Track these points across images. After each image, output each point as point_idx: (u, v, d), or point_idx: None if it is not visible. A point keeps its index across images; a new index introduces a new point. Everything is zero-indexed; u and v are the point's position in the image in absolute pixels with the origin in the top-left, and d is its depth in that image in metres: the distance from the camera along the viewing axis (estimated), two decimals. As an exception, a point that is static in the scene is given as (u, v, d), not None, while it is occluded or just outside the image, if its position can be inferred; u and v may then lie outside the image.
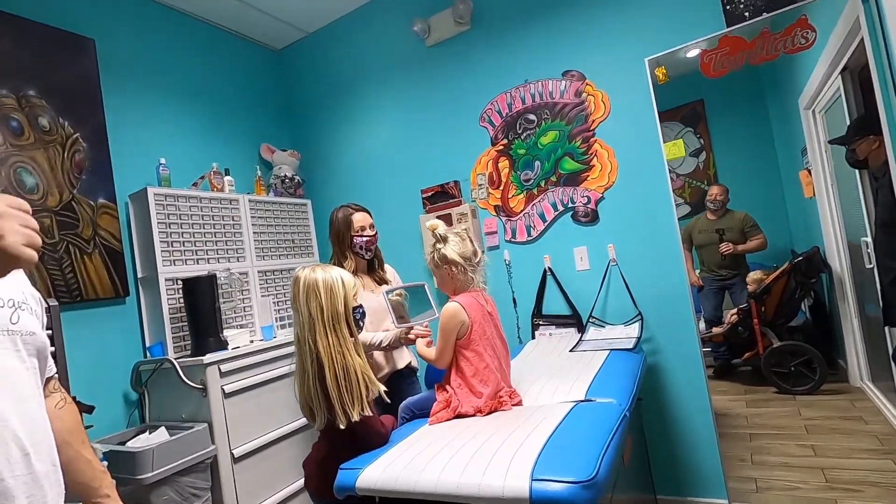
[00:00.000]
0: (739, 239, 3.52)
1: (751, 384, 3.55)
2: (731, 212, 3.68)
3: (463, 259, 1.52)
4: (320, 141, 3.30)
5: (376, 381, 1.36)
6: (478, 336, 1.46)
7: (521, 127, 2.58)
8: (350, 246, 1.93)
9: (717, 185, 3.64)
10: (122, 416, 2.20)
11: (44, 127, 2.11)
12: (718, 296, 3.72)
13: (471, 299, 1.49)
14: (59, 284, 2.05)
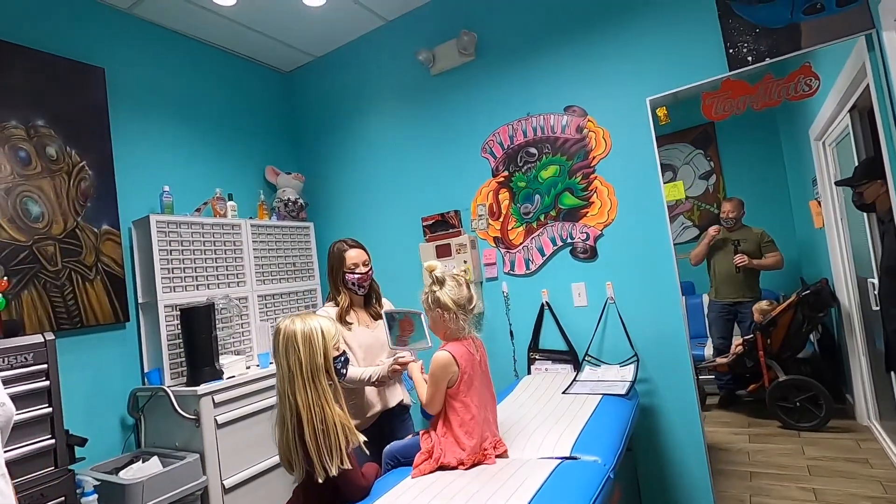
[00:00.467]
0: (756, 253, 3.45)
1: (755, 416, 3.48)
2: (747, 226, 3.62)
3: (456, 306, 1.50)
4: (324, 164, 3.33)
5: (356, 432, 1.36)
6: (466, 387, 1.45)
7: (523, 160, 2.58)
8: (343, 282, 1.94)
9: (730, 200, 3.58)
10: (118, 441, 2.23)
11: (51, 156, 2.16)
12: (728, 322, 3.66)
13: (462, 349, 1.48)
14: (59, 311, 2.08)
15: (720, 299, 3.57)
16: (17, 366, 1.59)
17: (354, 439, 1.35)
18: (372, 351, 1.91)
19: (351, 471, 1.32)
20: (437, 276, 1.53)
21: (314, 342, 1.35)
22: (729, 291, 3.56)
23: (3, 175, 2.00)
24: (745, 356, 3.46)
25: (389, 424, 1.93)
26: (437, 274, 1.54)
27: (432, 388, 1.46)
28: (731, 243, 3.50)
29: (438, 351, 1.48)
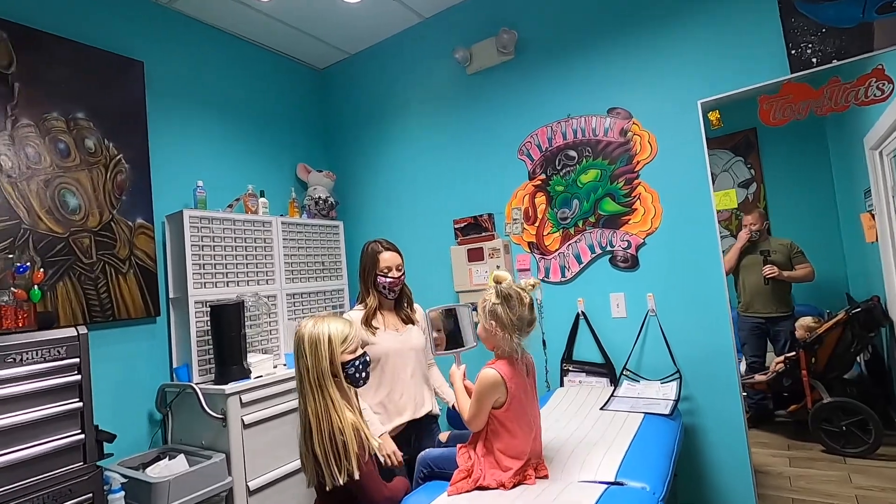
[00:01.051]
0: (786, 265, 3.28)
1: (794, 438, 3.30)
2: (773, 238, 3.44)
3: (513, 326, 1.37)
4: (356, 163, 3.30)
5: (372, 436, 1.31)
6: (514, 413, 1.35)
7: (561, 163, 2.48)
8: (374, 284, 1.88)
9: (752, 213, 3.41)
10: (145, 436, 2.22)
11: (89, 149, 2.16)
12: (760, 337, 3.49)
13: (512, 370, 1.37)
14: (93, 304, 2.08)
15: (751, 314, 3.40)
16: (50, 359, 1.58)
17: (370, 446, 1.29)
18: (398, 356, 1.83)
19: (366, 480, 1.26)
20: (501, 290, 1.39)
21: (320, 347, 1.32)
22: (760, 306, 3.38)
23: (43, 166, 2.01)
24: (784, 374, 3.29)
25: (417, 434, 1.85)
26: (502, 287, 1.39)
27: (476, 406, 1.36)
28: (760, 254, 3.33)
29: (487, 367, 1.37)
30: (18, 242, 1.90)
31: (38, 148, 2.00)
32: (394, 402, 1.78)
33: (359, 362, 1.40)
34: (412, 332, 1.90)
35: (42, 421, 1.54)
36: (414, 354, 1.86)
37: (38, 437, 1.53)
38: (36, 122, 2.01)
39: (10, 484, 1.45)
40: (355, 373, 1.39)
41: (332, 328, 1.37)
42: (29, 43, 2.01)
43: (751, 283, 3.36)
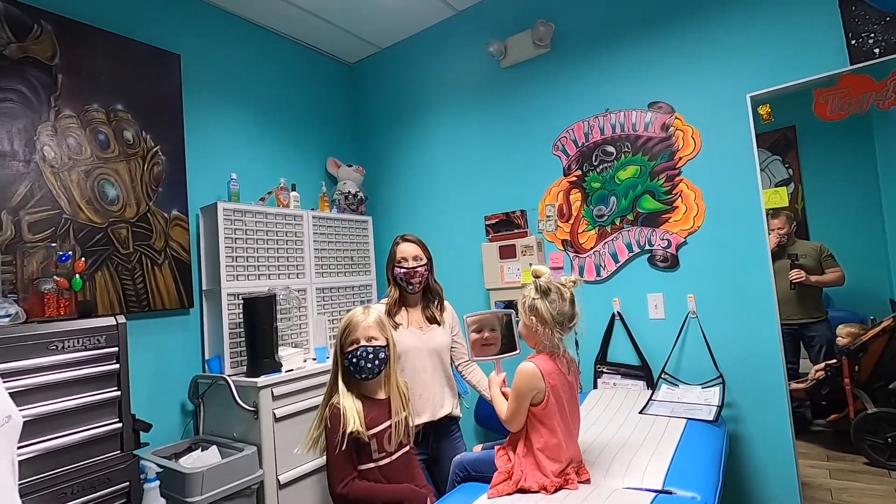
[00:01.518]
0: (815, 269, 3.13)
1: (834, 449, 3.16)
2: (801, 241, 3.29)
3: (554, 322, 1.33)
4: (385, 157, 3.28)
5: (357, 423, 1.35)
6: (552, 409, 1.31)
7: (598, 159, 2.42)
8: (393, 276, 1.87)
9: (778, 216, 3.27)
10: (178, 426, 2.24)
11: (128, 140, 2.18)
12: (793, 343, 3.35)
13: (552, 365, 1.33)
14: (129, 294, 2.11)
15: (783, 321, 3.26)
16: (90, 347, 1.59)
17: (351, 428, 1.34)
18: (418, 356, 1.79)
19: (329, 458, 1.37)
20: (540, 285, 1.36)
21: (338, 331, 1.47)
22: (791, 312, 3.25)
23: (84, 157, 2.03)
24: (824, 382, 3.15)
25: (435, 435, 1.80)
26: (541, 282, 1.36)
27: (514, 404, 1.32)
28: (788, 258, 3.19)
29: (524, 361, 1.34)
30: (60, 232, 1.92)
31: (80, 139, 2.03)
32: (412, 401, 1.74)
33: (352, 356, 1.42)
34: (435, 333, 1.85)
35: (82, 409, 1.56)
36: (435, 355, 1.82)
37: (78, 424, 1.54)
38: (77, 114, 2.03)
39: (51, 470, 1.46)
40: (349, 365, 1.43)
41: (346, 317, 1.48)
42: (71, 35, 2.03)
43: (779, 288, 3.24)
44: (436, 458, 1.78)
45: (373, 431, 1.40)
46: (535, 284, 1.36)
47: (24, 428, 1.41)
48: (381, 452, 1.41)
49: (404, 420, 1.48)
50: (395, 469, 1.43)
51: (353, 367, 1.42)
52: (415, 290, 1.85)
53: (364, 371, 1.42)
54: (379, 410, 1.44)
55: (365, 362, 1.42)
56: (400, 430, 1.45)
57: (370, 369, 1.43)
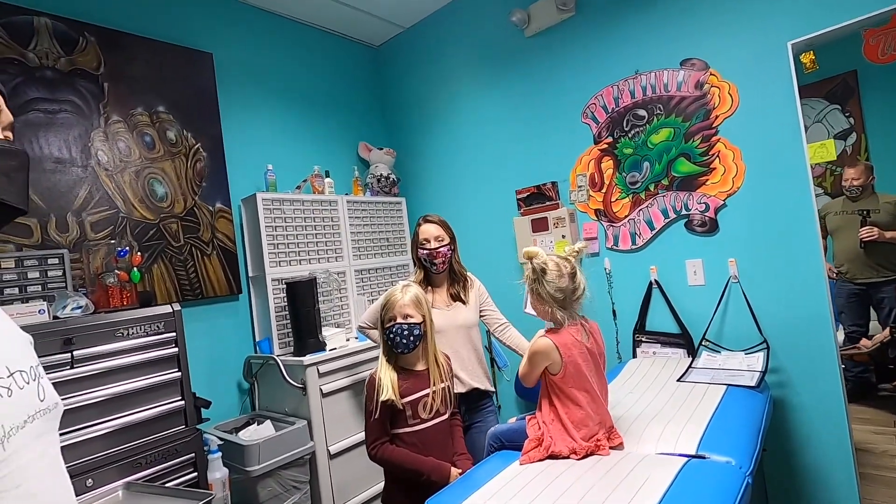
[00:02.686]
0: (891, 224, 2.89)
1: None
2: (880, 195, 3.05)
3: (553, 299, 1.36)
4: (415, 138, 3.30)
5: (391, 391, 1.46)
6: (571, 378, 1.33)
7: (629, 124, 2.34)
8: (418, 257, 1.94)
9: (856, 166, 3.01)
10: (235, 403, 2.42)
11: (171, 140, 2.32)
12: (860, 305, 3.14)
13: (567, 337, 1.35)
14: (184, 284, 2.27)
15: (849, 280, 3.05)
16: (151, 333, 1.74)
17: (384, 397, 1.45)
18: (443, 333, 1.83)
19: (366, 420, 1.51)
20: (537, 265, 1.37)
21: (381, 302, 1.58)
22: (858, 270, 3.03)
23: (133, 159, 2.18)
24: (891, 345, 2.96)
25: (468, 408, 1.86)
26: (537, 262, 1.38)
27: (528, 366, 1.38)
28: (858, 214, 2.95)
29: (541, 336, 1.37)
30: (118, 230, 2.09)
31: (128, 142, 2.17)
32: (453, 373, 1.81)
33: (389, 332, 1.53)
34: (459, 310, 1.90)
35: (148, 389, 1.72)
36: (463, 331, 1.87)
37: (145, 403, 1.71)
38: (124, 118, 2.17)
39: (126, 443, 1.63)
40: (386, 340, 1.54)
41: (386, 294, 1.57)
42: (113, 44, 2.16)
43: (845, 246, 3.01)
44: (467, 429, 1.85)
45: (407, 399, 1.49)
46: (532, 266, 1.38)
47: (101, 406, 1.59)
48: (416, 419, 1.50)
49: (441, 391, 1.55)
50: (431, 435, 1.51)
51: (391, 342, 1.52)
52: (438, 271, 1.90)
53: (399, 346, 1.51)
54: (415, 380, 1.53)
55: (400, 338, 1.51)
56: (437, 399, 1.53)
57: (405, 344, 1.51)
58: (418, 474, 1.46)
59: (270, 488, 1.95)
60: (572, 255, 1.40)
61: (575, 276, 1.37)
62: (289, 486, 2.00)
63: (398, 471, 1.50)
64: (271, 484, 1.95)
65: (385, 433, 1.49)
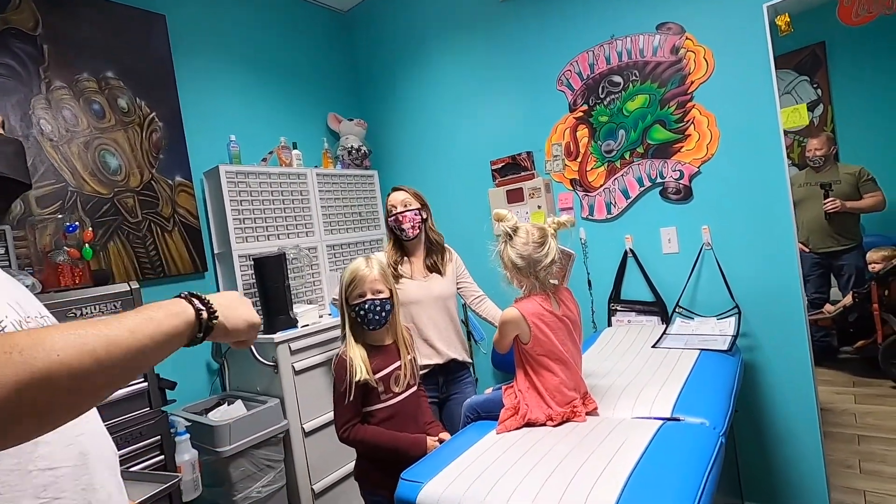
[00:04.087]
0: (852, 195, 2.97)
1: (861, 375, 3.13)
2: (840, 165, 3.12)
3: (515, 266, 1.33)
4: (386, 109, 3.19)
5: (363, 370, 1.40)
6: (542, 347, 1.32)
7: (605, 91, 2.30)
8: (388, 227, 1.93)
9: (818, 136, 3.07)
10: (205, 384, 2.34)
11: (123, 108, 2.17)
12: (822, 275, 3.24)
13: (536, 307, 1.33)
14: (143, 261, 2.15)
15: (812, 251, 3.14)
16: (108, 313, 1.64)
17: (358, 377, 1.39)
18: (420, 304, 1.83)
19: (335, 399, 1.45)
20: (506, 229, 1.35)
21: (341, 284, 1.49)
22: (820, 240, 3.12)
23: (81, 128, 2.03)
24: (851, 309, 3.07)
25: (445, 379, 1.87)
26: (505, 226, 1.35)
27: (499, 335, 1.38)
28: (821, 187, 3.02)
29: (510, 307, 1.35)
30: (67, 205, 1.95)
31: (74, 110, 2.02)
32: (417, 347, 1.79)
33: (359, 308, 1.44)
34: (436, 281, 1.88)
35: (108, 371, 1.63)
36: (440, 302, 1.86)
37: (105, 385, 1.62)
38: (69, 84, 2.01)
39: (86, 428, 1.55)
40: (356, 317, 1.46)
41: (349, 270, 1.49)
42: (51, 2, 1.98)
43: (811, 218, 3.09)
44: (445, 400, 1.84)
45: (379, 375, 1.45)
46: (501, 230, 1.36)
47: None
48: (389, 393, 1.47)
49: (410, 362, 1.53)
50: (404, 407, 1.49)
51: (362, 319, 1.45)
52: (409, 237, 1.86)
53: (372, 323, 1.45)
54: (385, 355, 1.49)
55: (373, 314, 1.45)
56: (406, 371, 1.51)
57: (377, 321, 1.46)
58: (395, 452, 1.42)
59: (244, 468, 1.90)
60: (552, 226, 1.36)
61: (543, 245, 1.32)
62: (262, 466, 1.96)
63: (373, 451, 1.45)
64: (244, 464, 1.91)
65: (357, 414, 1.44)
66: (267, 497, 1.97)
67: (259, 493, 1.93)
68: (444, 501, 1.07)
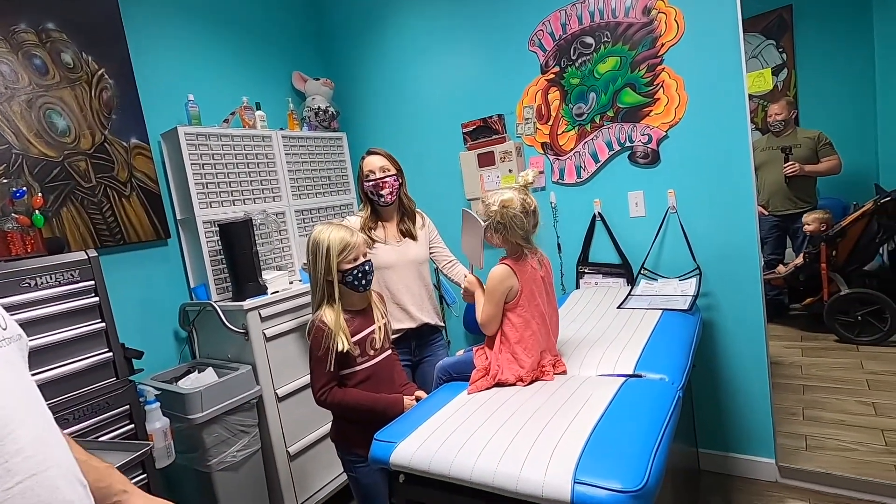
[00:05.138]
0: (810, 158, 3.11)
1: (808, 330, 3.35)
2: (800, 130, 3.23)
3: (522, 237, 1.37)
4: (354, 68, 3.07)
5: (342, 339, 1.42)
6: (526, 301, 1.35)
7: (576, 52, 2.27)
8: (364, 191, 1.88)
9: (779, 101, 3.17)
10: (174, 353, 2.30)
11: (68, 64, 2.01)
12: (780, 236, 3.40)
13: (523, 264, 1.37)
14: (101, 228, 2.06)
15: (771, 213, 3.27)
16: (65, 282, 1.58)
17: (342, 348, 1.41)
18: (394, 269, 1.84)
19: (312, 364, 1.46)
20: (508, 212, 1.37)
21: (319, 253, 1.45)
22: (780, 203, 3.25)
23: (22, 85, 1.89)
24: (802, 269, 3.24)
25: (418, 343, 1.90)
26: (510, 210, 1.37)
27: (490, 306, 1.37)
28: (782, 151, 3.13)
29: (497, 265, 1.37)
30: (13, 168, 1.83)
31: (13, 65, 1.87)
32: (390, 312, 1.81)
33: (357, 271, 1.46)
34: (410, 246, 1.89)
35: (71, 342, 1.58)
36: (413, 267, 1.87)
37: (67, 357, 1.58)
38: (5, 36, 1.85)
39: (56, 397, 1.52)
40: (353, 280, 1.46)
41: (333, 237, 1.44)
42: (-23, -58, 1.79)
43: (770, 180, 3.21)
44: (418, 363, 1.88)
45: (356, 338, 1.47)
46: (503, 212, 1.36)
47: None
48: (365, 356, 1.50)
49: (384, 326, 1.56)
50: (380, 370, 1.52)
51: (358, 282, 1.47)
52: (386, 203, 1.84)
53: (366, 285, 1.50)
54: (360, 320, 1.51)
55: (369, 276, 1.50)
56: (381, 334, 1.53)
57: (369, 282, 1.51)
58: (373, 413, 1.45)
59: (217, 434, 1.91)
60: (527, 184, 1.40)
61: (537, 210, 1.39)
62: (236, 431, 1.97)
63: (351, 413, 1.48)
64: (217, 430, 1.91)
65: (334, 378, 1.46)
66: (242, 461, 1.99)
67: (234, 458, 1.95)
68: (416, 460, 1.10)
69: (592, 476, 0.89)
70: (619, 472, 0.89)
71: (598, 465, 0.92)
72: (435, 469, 1.06)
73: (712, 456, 2.22)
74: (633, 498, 0.85)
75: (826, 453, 2.14)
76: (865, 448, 2.14)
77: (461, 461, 1.03)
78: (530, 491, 0.92)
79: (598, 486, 0.87)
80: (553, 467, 0.93)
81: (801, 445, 2.22)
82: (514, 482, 0.95)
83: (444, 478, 1.05)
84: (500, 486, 0.96)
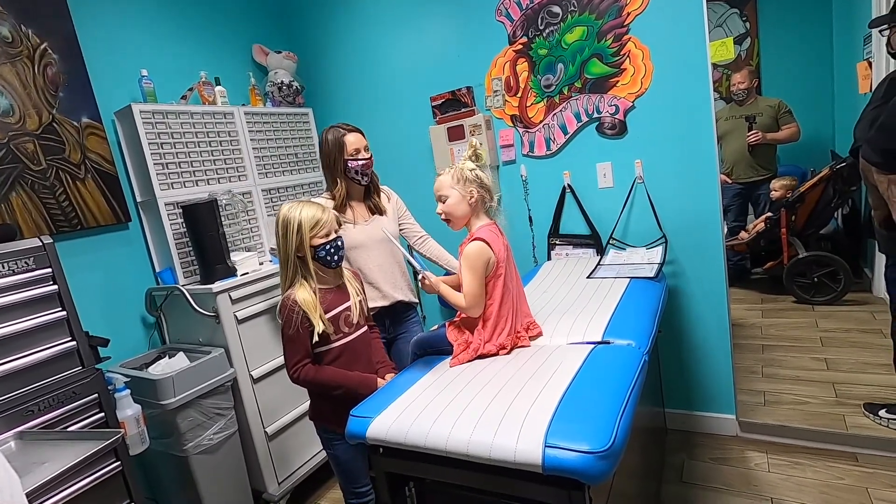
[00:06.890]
0: (772, 126, 3.20)
1: (768, 293, 3.51)
2: (761, 98, 3.31)
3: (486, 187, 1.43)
4: (318, 40, 2.97)
5: (318, 320, 1.41)
6: (503, 269, 1.38)
7: (544, 22, 2.24)
8: (344, 171, 1.77)
9: (741, 70, 3.23)
10: (142, 339, 2.25)
11: (6, 38, 1.88)
12: (742, 204, 3.52)
13: (492, 235, 1.38)
14: (55, 214, 1.97)
15: (735, 181, 3.37)
16: (18, 271, 1.51)
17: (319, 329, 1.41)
18: (364, 248, 1.81)
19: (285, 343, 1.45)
20: (478, 153, 1.44)
21: (290, 230, 1.43)
22: (743, 171, 3.35)
23: (-45, 61, 1.76)
24: (763, 235, 3.37)
25: (392, 320, 1.89)
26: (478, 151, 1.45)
27: (474, 284, 1.35)
28: (746, 120, 3.21)
29: (469, 243, 1.38)
30: (-48, 151, 1.72)
31: (-57, 39, 1.73)
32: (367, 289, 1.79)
33: (330, 246, 1.46)
34: (380, 222, 1.85)
35: (31, 332, 1.53)
36: (384, 245, 1.83)
37: (28, 347, 1.52)
38: (-69, 8, 1.71)
39: (18, 390, 1.47)
40: (325, 255, 1.46)
41: (305, 214, 1.43)
42: None
43: (733, 149, 3.29)
44: (393, 340, 1.88)
45: (329, 315, 1.47)
46: (474, 154, 1.42)
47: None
48: (339, 334, 1.50)
49: (359, 303, 1.55)
50: (354, 347, 1.52)
51: (331, 257, 1.47)
52: (367, 181, 1.81)
53: (335, 261, 1.49)
54: (334, 297, 1.51)
55: (342, 251, 1.50)
56: (356, 312, 1.53)
57: (342, 257, 1.51)
58: (345, 390, 1.46)
59: (192, 418, 1.89)
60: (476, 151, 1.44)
61: None
62: (212, 414, 1.95)
63: (323, 390, 1.49)
64: (192, 414, 1.89)
65: (307, 355, 1.46)
66: (220, 443, 1.98)
67: (211, 441, 1.94)
68: (392, 434, 1.12)
69: (562, 440, 0.92)
70: (587, 434, 0.93)
71: (567, 428, 0.95)
72: (411, 441, 1.08)
73: (678, 415, 2.33)
74: (600, 458, 0.88)
75: (782, 407, 2.27)
76: (818, 400, 2.28)
77: (436, 432, 1.06)
78: (503, 457, 0.95)
79: (568, 449, 0.90)
80: (525, 433, 0.96)
81: (759, 401, 2.35)
82: (488, 450, 0.97)
83: (419, 449, 1.07)
84: (474, 454, 0.99)
